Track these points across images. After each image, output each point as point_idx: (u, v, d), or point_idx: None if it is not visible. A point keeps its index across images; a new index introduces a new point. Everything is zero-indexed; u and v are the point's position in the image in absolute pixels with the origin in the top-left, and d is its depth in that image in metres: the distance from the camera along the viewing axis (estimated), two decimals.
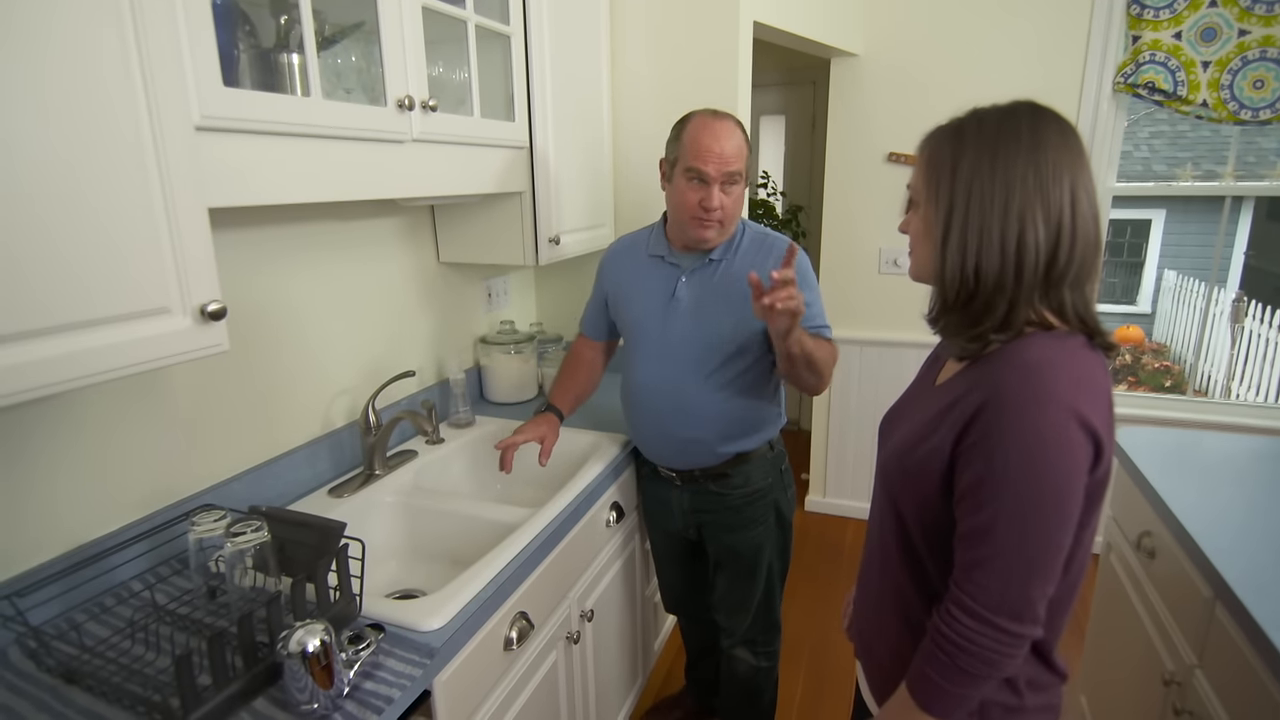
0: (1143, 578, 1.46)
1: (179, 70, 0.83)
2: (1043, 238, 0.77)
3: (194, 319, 0.88)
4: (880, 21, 2.62)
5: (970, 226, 0.78)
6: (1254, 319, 5.21)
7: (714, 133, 1.37)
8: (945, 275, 0.81)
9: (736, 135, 1.39)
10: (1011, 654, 0.78)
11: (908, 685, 0.86)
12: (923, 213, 0.85)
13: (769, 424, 1.54)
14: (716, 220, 1.40)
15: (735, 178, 1.39)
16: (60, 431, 1.06)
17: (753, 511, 1.56)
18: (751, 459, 1.53)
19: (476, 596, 1.11)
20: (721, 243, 1.46)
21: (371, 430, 1.52)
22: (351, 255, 1.58)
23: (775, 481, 1.57)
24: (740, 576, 1.62)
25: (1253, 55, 2.21)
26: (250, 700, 0.90)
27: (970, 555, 0.78)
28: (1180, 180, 6.45)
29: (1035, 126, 0.79)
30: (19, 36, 0.68)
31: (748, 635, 1.67)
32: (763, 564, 1.60)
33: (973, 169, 0.78)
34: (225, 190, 0.94)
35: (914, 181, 0.88)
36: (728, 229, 1.45)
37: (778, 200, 3.84)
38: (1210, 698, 1.14)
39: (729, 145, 1.37)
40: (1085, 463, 0.75)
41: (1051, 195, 0.77)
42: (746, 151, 1.41)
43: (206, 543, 1.08)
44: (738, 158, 1.38)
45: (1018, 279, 0.78)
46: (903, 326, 2.79)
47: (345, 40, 1.23)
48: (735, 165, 1.38)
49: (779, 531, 1.61)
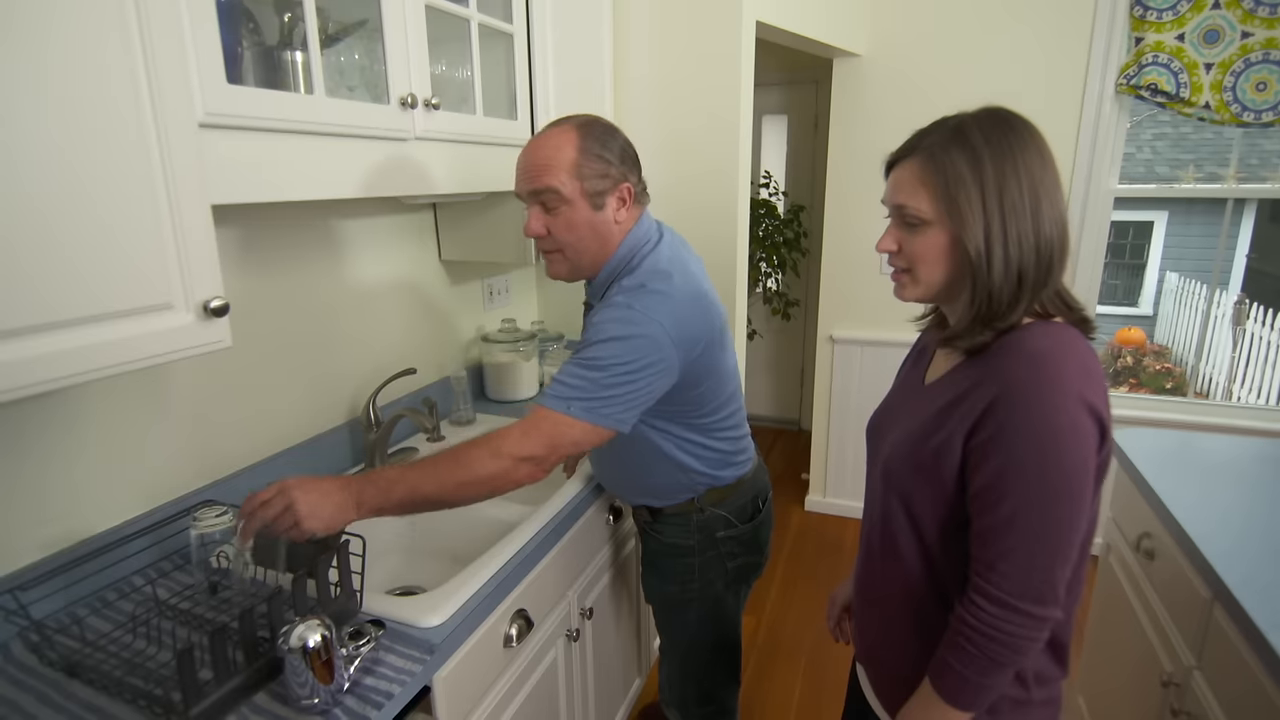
0: (1142, 579, 1.47)
1: (183, 67, 0.83)
2: (1059, 234, 0.81)
3: (197, 315, 0.88)
4: (883, 22, 2.62)
5: (1010, 235, 0.80)
6: (1255, 321, 5.21)
7: (527, 145, 1.17)
8: (994, 285, 0.81)
9: (557, 147, 1.12)
10: (1036, 637, 0.80)
11: (931, 681, 0.86)
12: (941, 231, 0.82)
13: (679, 489, 1.34)
14: (550, 250, 1.20)
15: (548, 198, 1.13)
16: (63, 427, 1.06)
17: (668, 566, 1.41)
18: (665, 515, 1.38)
19: (476, 593, 1.11)
20: (586, 276, 1.24)
21: (373, 427, 1.52)
22: (354, 253, 1.58)
23: (701, 545, 1.37)
24: (659, 624, 1.53)
25: (1255, 57, 2.21)
26: (251, 695, 0.90)
27: (993, 547, 0.79)
28: (1183, 182, 6.45)
29: (1032, 132, 0.82)
30: (23, 33, 0.68)
31: (676, 697, 1.56)
32: (678, 624, 1.47)
33: (999, 179, 0.79)
34: (228, 187, 0.94)
35: (915, 201, 0.84)
36: (582, 262, 1.20)
37: (779, 200, 3.84)
38: (1208, 699, 1.14)
39: (533, 159, 1.14)
40: (1095, 446, 0.78)
41: (1058, 195, 0.82)
42: (573, 161, 1.12)
43: (208, 538, 1.08)
44: (546, 172, 1.12)
45: (1048, 275, 0.82)
46: (903, 327, 2.78)
47: (349, 38, 1.23)
48: (539, 181, 1.13)
49: (706, 600, 1.41)
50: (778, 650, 2.33)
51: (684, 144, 2.01)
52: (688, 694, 1.55)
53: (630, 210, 1.21)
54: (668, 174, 2.04)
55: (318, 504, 0.95)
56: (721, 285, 2.07)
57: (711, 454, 1.32)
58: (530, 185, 1.15)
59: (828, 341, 2.99)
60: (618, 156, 1.18)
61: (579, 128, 1.15)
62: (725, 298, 2.07)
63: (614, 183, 1.17)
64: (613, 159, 1.17)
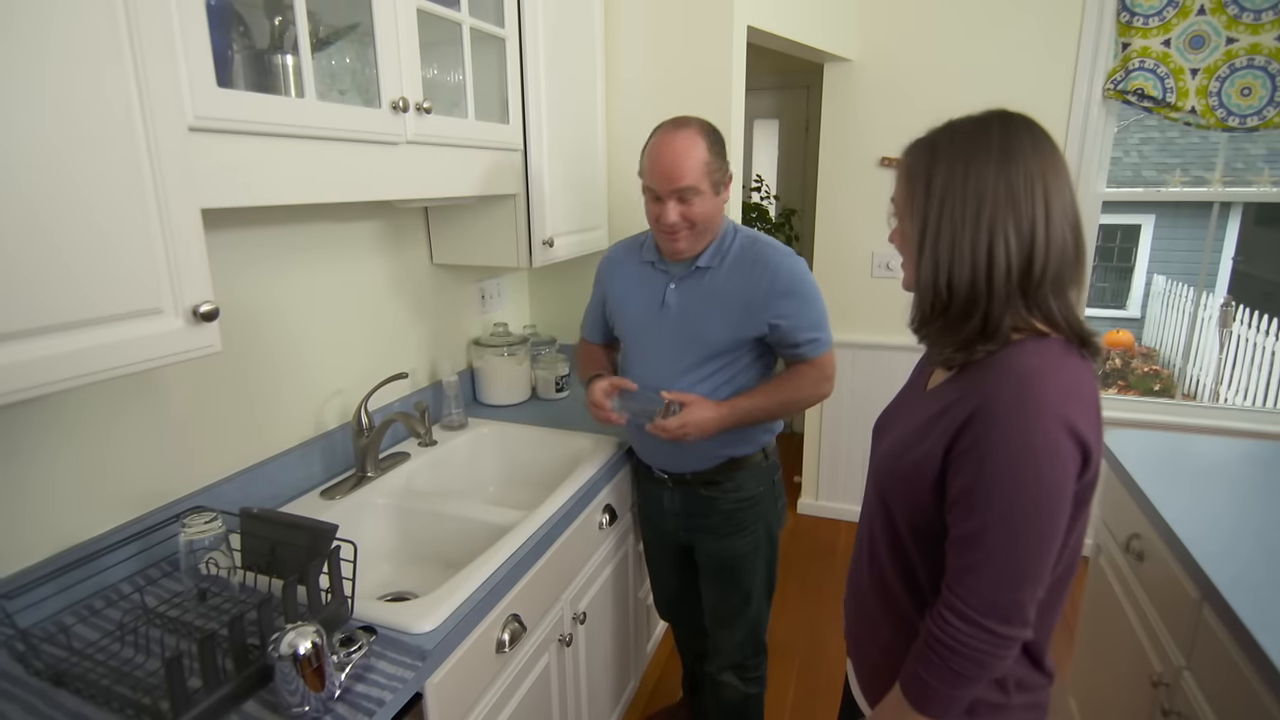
0: (1132, 580, 1.48)
1: (173, 70, 0.82)
2: (1014, 248, 0.78)
3: (186, 320, 0.87)
4: (873, 27, 2.63)
5: (942, 240, 0.80)
6: (1242, 324, 5.26)
7: (663, 149, 1.36)
8: (920, 286, 0.83)
9: (690, 149, 1.35)
10: (1002, 655, 0.79)
11: (901, 687, 0.87)
12: (903, 226, 0.88)
13: (764, 430, 1.53)
14: (681, 232, 1.40)
15: (687, 194, 1.36)
16: (51, 432, 1.05)
17: (743, 519, 1.55)
18: (745, 465, 1.53)
19: (469, 599, 1.11)
20: (700, 251, 1.44)
21: (364, 432, 1.51)
22: (345, 257, 1.58)
23: (767, 492, 1.56)
24: (728, 586, 1.62)
25: (1240, 63, 2.24)
26: (241, 703, 0.89)
27: (962, 560, 0.80)
28: (1170, 186, 6.51)
29: (1006, 137, 0.79)
30: (11, 36, 0.68)
31: (736, 658, 1.65)
32: (750, 575, 1.59)
33: (945, 183, 0.80)
34: (218, 191, 0.93)
35: (896, 195, 0.89)
36: (701, 238, 1.43)
37: (771, 204, 3.85)
38: (1198, 699, 1.15)
39: (677, 162, 1.34)
40: (1074, 470, 0.76)
41: (1023, 206, 0.78)
42: (705, 161, 1.36)
43: (197, 545, 1.07)
44: (689, 173, 1.34)
45: (989, 290, 0.79)
46: (895, 330, 2.80)
47: (340, 42, 1.23)
48: (685, 181, 1.35)
49: (768, 545, 1.59)
50: (771, 652, 2.30)
51: None
52: (748, 650, 1.65)
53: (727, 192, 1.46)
54: None
55: (703, 424, 1.38)
56: None
57: None
58: (675, 185, 1.35)
59: None
60: (725, 154, 1.43)
61: (704, 133, 1.38)
62: None
63: (726, 175, 1.43)
64: (724, 157, 1.42)
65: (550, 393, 2.09)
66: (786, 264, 1.43)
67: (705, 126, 1.39)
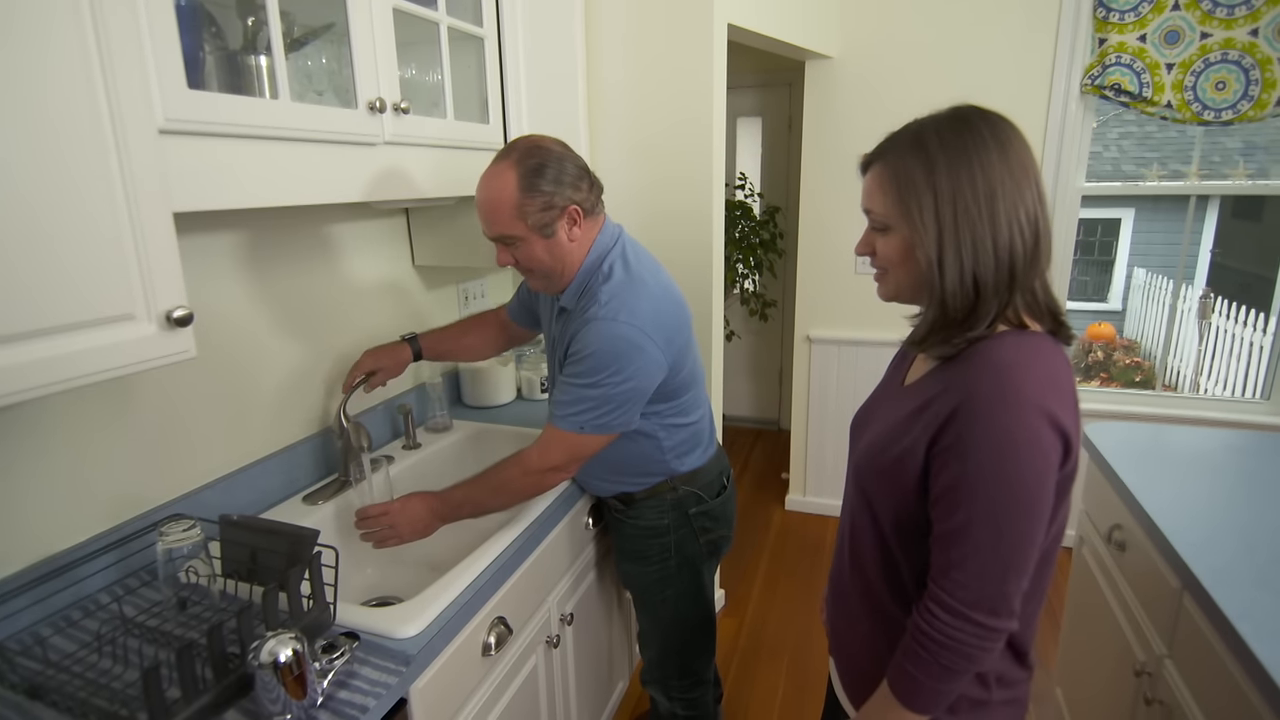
0: (1114, 571, 1.49)
1: (141, 72, 0.81)
2: (1027, 234, 0.79)
3: (159, 325, 0.86)
4: (854, 25, 2.64)
5: (964, 242, 0.79)
6: (1220, 315, 5.33)
7: (478, 188, 1.25)
8: (946, 292, 0.81)
9: (495, 191, 1.21)
10: (989, 648, 0.80)
11: (889, 683, 0.87)
12: (900, 236, 0.83)
13: (654, 472, 1.43)
14: (524, 271, 1.31)
15: (505, 240, 1.24)
16: (25, 441, 1.03)
17: (645, 547, 1.49)
18: (638, 499, 1.46)
19: (454, 602, 1.10)
20: (560, 290, 1.34)
21: (344, 435, 1.50)
22: (324, 259, 1.56)
23: (675, 523, 1.46)
24: (640, 609, 1.60)
25: (1214, 57, 2.26)
26: (221, 712, 0.88)
27: (946, 555, 0.80)
28: (1148, 180, 6.59)
29: (995, 130, 0.80)
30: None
31: (657, 674, 1.64)
32: (657, 604, 1.54)
33: (953, 184, 0.79)
34: (191, 194, 0.92)
35: (878, 206, 0.85)
36: (552, 280, 1.31)
37: (755, 201, 3.86)
38: (1180, 687, 1.16)
39: (483, 207, 1.24)
40: (1056, 460, 0.77)
41: (1026, 194, 0.79)
42: (515, 204, 1.20)
43: (176, 553, 1.06)
44: (496, 220, 1.22)
45: (1011, 281, 0.80)
46: (878, 326, 2.82)
47: (315, 42, 1.21)
48: (494, 230, 1.24)
49: (685, 579, 1.51)
50: (760, 649, 2.33)
51: (658, 146, 2.01)
52: (669, 671, 1.62)
53: (585, 225, 1.29)
54: (643, 177, 2.03)
55: (414, 522, 1.26)
56: (698, 286, 2.07)
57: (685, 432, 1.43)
58: (487, 231, 1.26)
59: (805, 342, 3.01)
60: (554, 183, 1.22)
61: (517, 164, 1.21)
62: (702, 298, 2.08)
63: (559, 210, 1.24)
64: (551, 188, 1.22)
65: (536, 394, 2.09)
66: (593, 328, 1.23)
67: (526, 156, 1.21)
